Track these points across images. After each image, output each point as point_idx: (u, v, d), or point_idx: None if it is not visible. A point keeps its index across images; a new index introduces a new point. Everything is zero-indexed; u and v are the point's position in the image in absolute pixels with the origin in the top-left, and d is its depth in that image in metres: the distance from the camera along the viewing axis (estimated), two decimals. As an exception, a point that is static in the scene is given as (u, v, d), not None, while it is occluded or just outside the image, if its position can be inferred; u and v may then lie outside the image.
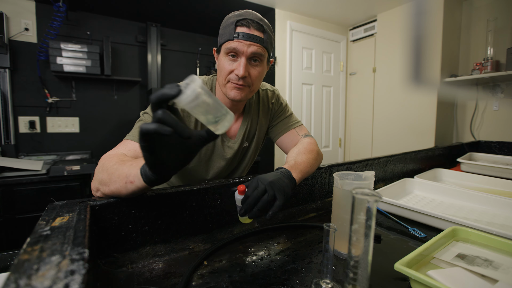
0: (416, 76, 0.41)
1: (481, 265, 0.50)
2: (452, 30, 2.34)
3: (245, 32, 0.71)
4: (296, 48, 2.74)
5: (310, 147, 0.84)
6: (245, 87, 0.76)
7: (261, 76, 0.79)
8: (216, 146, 0.86)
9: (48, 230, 0.39)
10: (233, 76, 0.74)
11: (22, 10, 2.15)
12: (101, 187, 0.56)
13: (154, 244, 0.60)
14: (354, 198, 0.36)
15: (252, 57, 0.74)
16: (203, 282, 0.48)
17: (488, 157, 1.65)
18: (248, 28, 0.71)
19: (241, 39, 0.71)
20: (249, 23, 0.71)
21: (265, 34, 0.74)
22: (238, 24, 0.71)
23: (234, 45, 0.71)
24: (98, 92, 2.49)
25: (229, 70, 0.74)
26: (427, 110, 2.37)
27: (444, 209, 0.87)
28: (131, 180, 0.49)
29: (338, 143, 3.19)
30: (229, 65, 0.73)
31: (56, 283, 0.27)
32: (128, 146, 0.67)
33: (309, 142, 0.88)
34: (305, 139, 0.91)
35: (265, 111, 0.94)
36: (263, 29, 0.73)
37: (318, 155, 0.84)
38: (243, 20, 0.71)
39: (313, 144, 0.88)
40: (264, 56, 0.75)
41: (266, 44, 0.74)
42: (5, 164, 1.77)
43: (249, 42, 0.71)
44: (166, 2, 2.28)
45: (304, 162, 0.74)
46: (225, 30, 0.73)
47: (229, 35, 0.72)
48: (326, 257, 0.45)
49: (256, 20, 0.72)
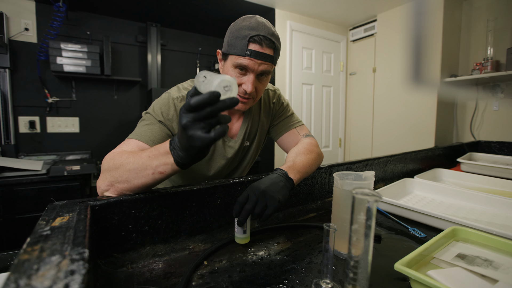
0: (416, 76, 0.41)
1: (481, 265, 0.50)
2: (452, 30, 2.33)
3: (257, 51, 0.70)
4: (296, 48, 2.74)
5: (310, 147, 0.84)
6: (250, 99, 0.77)
7: (265, 86, 0.81)
8: (217, 145, 0.86)
9: (48, 230, 0.39)
10: (241, 90, 0.74)
11: (22, 10, 2.15)
12: (118, 184, 0.57)
13: (154, 244, 0.60)
14: (354, 198, 0.36)
15: (261, 74, 0.74)
16: (203, 282, 0.48)
17: (488, 157, 1.65)
18: (261, 46, 0.70)
19: (253, 58, 0.70)
20: (261, 39, 0.70)
21: (275, 51, 0.74)
22: (251, 40, 0.70)
23: (246, 62, 0.71)
24: (98, 92, 2.50)
25: (238, 84, 0.74)
26: (427, 110, 2.37)
27: (444, 209, 0.87)
28: (160, 171, 0.53)
29: (338, 143, 3.19)
30: (238, 78, 0.74)
31: (56, 283, 0.27)
32: (131, 145, 0.67)
33: (309, 142, 0.88)
34: (306, 139, 0.91)
35: (266, 110, 0.95)
36: (275, 46, 0.73)
37: (318, 156, 0.85)
38: (256, 37, 0.70)
39: (313, 144, 0.88)
40: (271, 71, 0.76)
41: (275, 61, 0.76)
42: (5, 164, 1.77)
43: (260, 61, 0.71)
44: (166, 2, 2.28)
45: (303, 162, 0.74)
46: (235, 42, 0.71)
47: (240, 50, 0.70)
48: (326, 257, 0.45)
49: (269, 37, 0.71)
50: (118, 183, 0.57)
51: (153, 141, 0.70)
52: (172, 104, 0.76)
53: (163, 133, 0.73)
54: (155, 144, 0.69)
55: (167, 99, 0.77)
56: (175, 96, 0.78)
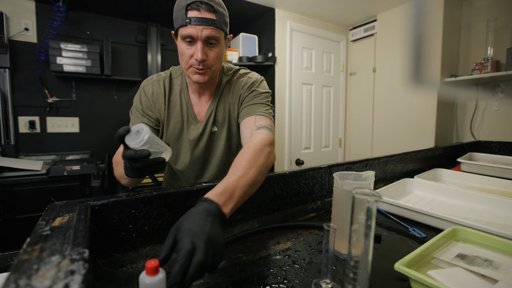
0: (416, 76, 0.41)
1: (481, 265, 0.50)
2: (452, 30, 2.33)
3: (196, 17, 0.71)
4: (296, 48, 2.74)
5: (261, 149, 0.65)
6: (206, 69, 0.77)
7: (220, 56, 0.79)
8: (183, 127, 0.89)
9: (48, 230, 0.39)
10: (193, 61, 0.75)
11: (22, 10, 2.15)
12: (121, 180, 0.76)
13: (154, 244, 0.60)
14: (354, 198, 0.36)
15: (207, 40, 0.74)
16: (203, 282, 0.48)
17: (488, 157, 1.65)
18: (199, 11, 0.71)
19: (194, 24, 0.71)
20: (198, 5, 0.71)
21: (217, 14, 0.73)
22: (189, 8, 0.71)
23: (188, 31, 0.72)
24: (98, 92, 2.49)
25: (189, 55, 0.75)
26: (427, 110, 2.37)
27: (444, 209, 0.87)
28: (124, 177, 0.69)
29: (338, 143, 3.19)
30: (188, 50, 0.75)
31: (56, 283, 0.27)
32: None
33: (262, 139, 0.68)
34: (259, 133, 0.72)
35: (236, 95, 0.87)
36: (214, 9, 0.72)
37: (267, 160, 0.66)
38: (193, 4, 0.71)
39: (265, 143, 0.68)
40: (220, 37, 0.76)
41: (219, 24, 0.74)
42: (5, 164, 1.77)
43: (202, 26, 0.71)
44: (166, 2, 2.28)
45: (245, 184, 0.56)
46: (177, 14, 0.73)
47: (181, 20, 0.72)
48: (326, 257, 0.45)
49: (206, 1, 0.71)
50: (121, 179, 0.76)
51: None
52: (144, 92, 0.87)
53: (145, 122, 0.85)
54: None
55: (141, 88, 0.88)
56: (144, 84, 0.88)
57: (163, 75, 0.89)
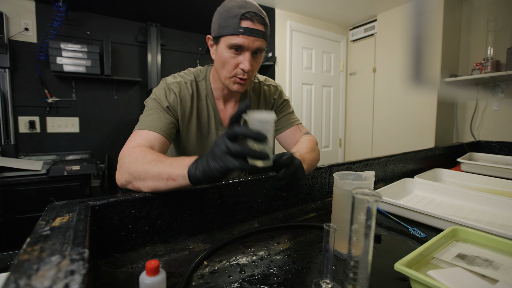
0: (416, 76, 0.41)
1: (481, 265, 0.50)
2: (452, 30, 2.34)
3: (250, 28, 0.70)
4: (296, 48, 2.74)
5: (313, 145, 0.84)
6: (247, 79, 0.77)
7: (260, 65, 0.81)
8: (210, 133, 0.88)
9: (48, 230, 0.39)
10: (239, 71, 0.75)
11: (22, 10, 2.15)
12: (135, 181, 0.59)
13: (154, 244, 0.60)
14: (354, 198, 0.36)
15: (255, 51, 0.74)
16: (203, 282, 0.48)
17: (488, 157, 1.65)
18: (253, 23, 0.70)
19: (247, 35, 0.70)
20: (252, 16, 0.70)
21: (266, 27, 0.74)
22: (243, 18, 0.70)
23: (240, 41, 0.71)
24: (98, 92, 2.49)
25: (235, 64, 0.74)
26: (427, 110, 2.37)
27: (444, 209, 0.87)
28: (173, 178, 0.53)
29: (338, 143, 3.19)
30: (234, 59, 0.74)
31: (56, 283, 0.27)
32: (143, 136, 0.70)
33: (311, 139, 0.88)
34: (306, 136, 0.91)
35: (267, 104, 0.95)
36: (265, 21, 0.73)
37: (318, 155, 0.85)
38: (247, 13, 0.70)
39: (314, 142, 0.88)
40: (265, 48, 0.77)
41: (267, 37, 0.76)
42: (5, 164, 1.77)
43: (254, 37, 0.71)
44: (166, 2, 2.28)
45: (308, 156, 0.74)
46: (227, 22, 0.71)
47: (233, 29, 0.70)
48: (326, 257, 0.45)
49: (259, 13, 0.71)
50: (135, 180, 0.59)
51: (161, 129, 0.73)
52: (171, 89, 0.80)
53: (169, 121, 0.77)
54: (163, 131, 0.73)
55: (165, 84, 0.81)
56: (171, 81, 0.82)
57: (188, 77, 0.84)
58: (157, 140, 0.71)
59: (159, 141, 0.72)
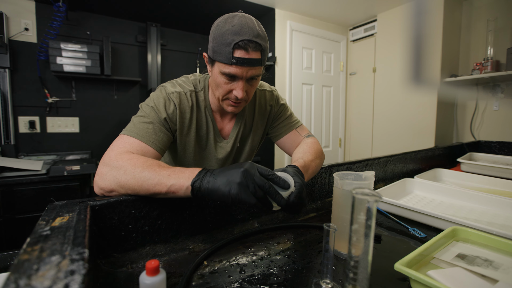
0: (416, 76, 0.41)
1: (481, 265, 0.50)
2: (452, 30, 2.33)
3: (243, 58, 0.66)
4: (296, 48, 2.74)
5: (315, 147, 0.84)
6: (242, 102, 0.76)
7: (256, 87, 0.79)
8: (209, 145, 0.86)
9: (48, 230, 0.39)
10: (232, 96, 0.73)
11: (22, 10, 2.15)
12: (121, 189, 0.57)
13: (154, 244, 0.60)
14: (354, 198, 0.36)
15: (250, 78, 0.72)
16: (203, 282, 0.48)
17: (488, 157, 1.65)
18: (246, 52, 0.66)
19: (240, 65, 0.67)
20: (246, 44, 0.65)
21: (263, 52, 0.69)
22: (236, 47, 0.65)
23: (233, 71, 0.68)
24: (98, 92, 2.49)
25: (227, 90, 0.72)
26: (427, 110, 2.37)
27: (444, 209, 0.87)
28: (173, 191, 0.54)
29: (338, 143, 3.19)
30: (227, 85, 0.71)
31: (56, 283, 0.27)
32: (134, 146, 0.67)
33: (313, 141, 0.88)
34: (308, 139, 0.91)
35: (262, 112, 0.92)
36: (261, 47, 0.68)
37: (322, 155, 0.85)
38: (241, 42, 0.65)
39: (316, 143, 0.88)
40: (261, 73, 0.73)
41: (263, 62, 0.71)
42: (5, 164, 1.77)
43: (248, 67, 0.68)
44: (166, 2, 2.28)
45: (311, 164, 0.74)
46: (220, 48, 0.67)
47: (226, 58, 0.66)
48: (326, 257, 0.45)
49: (254, 40, 0.66)
50: (122, 188, 0.57)
51: (158, 145, 0.70)
52: (171, 100, 0.76)
53: (165, 136, 0.73)
54: (159, 148, 0.70)
55: (165, 93, 0.76)
56: (171, 91, 0.77)
57: (188, 88, 0.80)
58: (149, 153, 0.68)
59: (153, 156, 0.69)
